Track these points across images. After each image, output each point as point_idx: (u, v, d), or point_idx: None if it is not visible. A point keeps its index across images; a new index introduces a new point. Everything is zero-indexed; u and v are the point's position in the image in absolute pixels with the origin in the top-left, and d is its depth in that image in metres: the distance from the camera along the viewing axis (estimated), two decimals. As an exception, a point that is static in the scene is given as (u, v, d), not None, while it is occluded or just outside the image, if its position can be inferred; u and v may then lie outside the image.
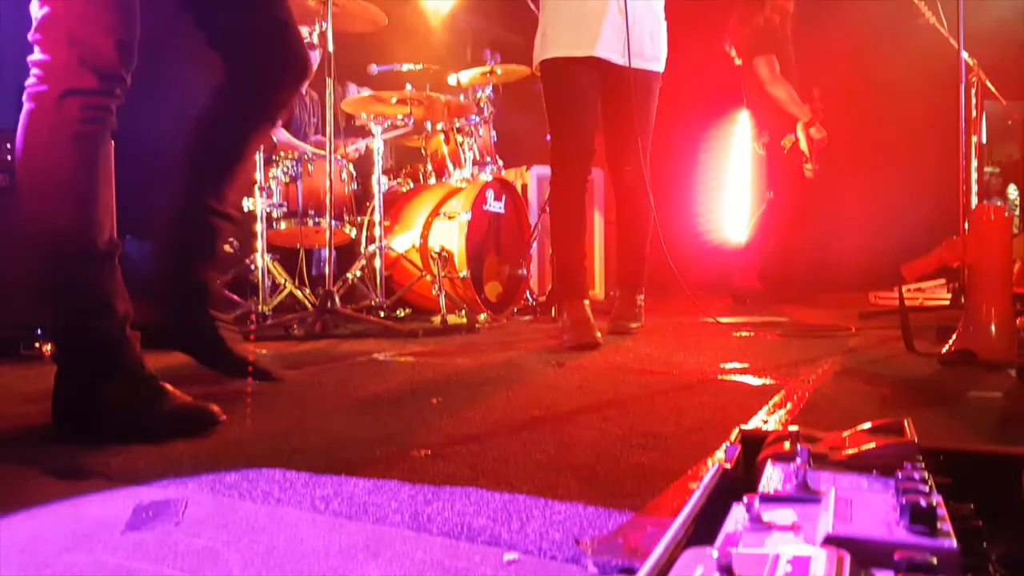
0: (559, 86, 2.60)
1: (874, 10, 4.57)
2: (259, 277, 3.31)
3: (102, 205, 1.36)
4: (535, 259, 4.09)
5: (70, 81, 1.32)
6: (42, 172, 1.33)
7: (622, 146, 2.70)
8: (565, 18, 2.59)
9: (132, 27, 1.36)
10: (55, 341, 1.38)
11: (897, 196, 4.76)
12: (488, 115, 3.90)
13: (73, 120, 1.32)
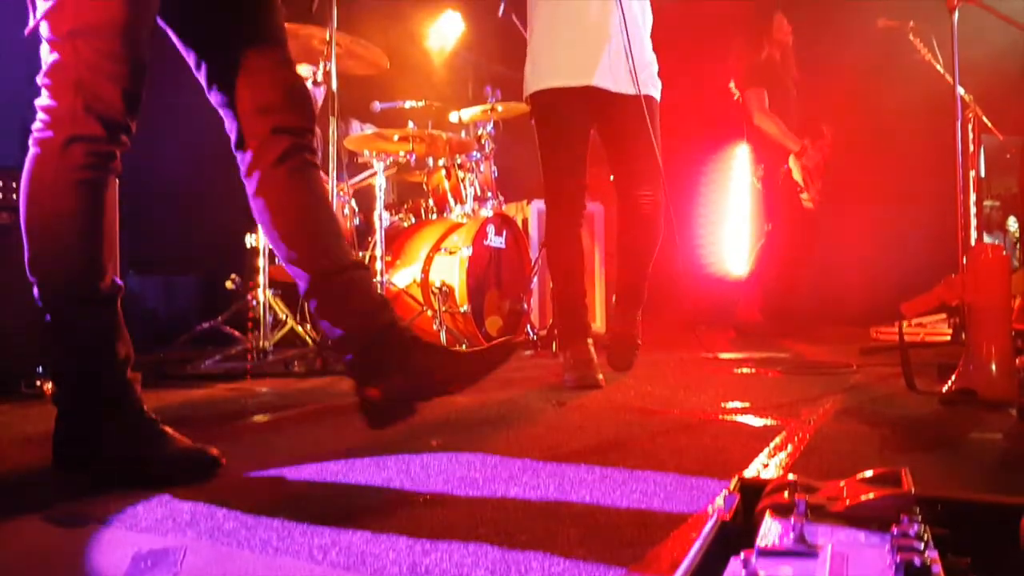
0: (551, 119, 2.55)
1: (872, 46, 4.63)
2: (260, 313, 3.31)
3: (105, 250, 1.38)
4: (536, 293, 4.10)
5: (75, 128, 1.33)
6: (45, 218, 1.34)
7: (635, 171, 2.59)
8: (558, 47, 2.53)
9: (139, 76, 1.37)
10: (55, 384, 1.38)
11: (898, 229, 4.78)
12: (489, 151, 3.95)
13: (77, 167, 1.33)
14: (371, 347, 1.43)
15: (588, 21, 2.47)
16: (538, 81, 2.55)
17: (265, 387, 2.54)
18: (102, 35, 1.33)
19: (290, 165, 1.45)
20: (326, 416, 1.88)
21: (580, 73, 2.49)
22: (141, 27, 1.37)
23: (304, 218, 1.46)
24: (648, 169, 2.55)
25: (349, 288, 1.46)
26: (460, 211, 3.81)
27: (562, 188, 2.57)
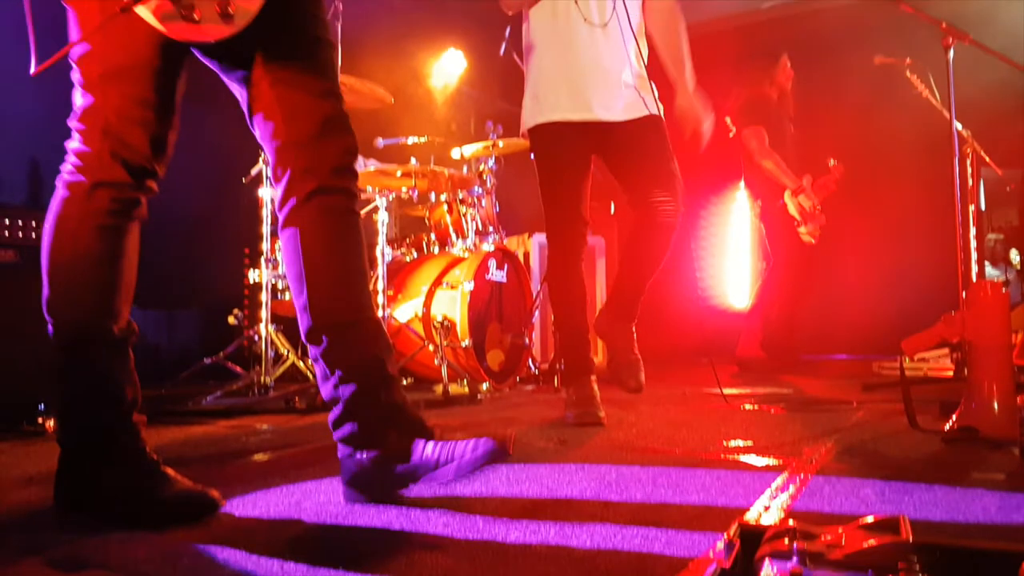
0: (551, 154, 2.53)
1: (870, 83, 4.69)
2: (262, 348, 3.32)
3: (121, 294, 1.38)
4: (537, 327, 4.11)
5: (102, 173, 1.35)
6: (66, 260, 1.35)
7: (651, 179, 2.45)
8: (554, 81, 2.50)
9: (168, 121, 1.38)
10: (60, 422, 1.38)
11: (899, 263, 4.80)
12: (490, 186, 3.98)
13: (102, 212, 1.35)
14: (370, 413, 1.39)
15: (584, 54, 2.46)
16: (536, 116, 2.54)
17: (266, 424, 2.54)
18: (131, 80, 1.34)
19: (316, 204, 1.41)
20: (326, 456, 1.87)
21: (578, 107, 2.47)
22: (171, 71, 1.38)
23: (319, 262, 1.42)
24: (665, 174, 2.45)
25: (356, 343, 1.41)
26: (462, 245, 3.84)
27: (563, 223, 2.55)
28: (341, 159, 1.43)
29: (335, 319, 1.41)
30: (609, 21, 2.45)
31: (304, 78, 1.42)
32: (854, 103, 4.91)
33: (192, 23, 1.25)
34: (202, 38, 1.27)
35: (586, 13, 2.45)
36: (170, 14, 1.24)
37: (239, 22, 1.27)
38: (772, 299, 4.35)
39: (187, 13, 1.24)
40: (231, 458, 1.96)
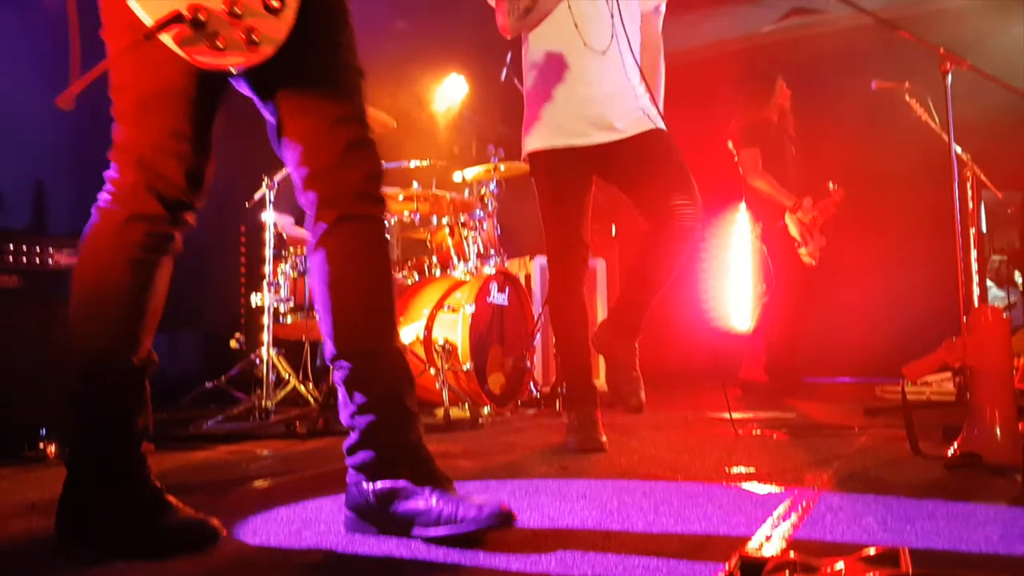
0: (551, 179, 2.52)
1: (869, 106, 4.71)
2: (264, 372, 3.32)
3: (146, 326, 1.37)
4: (539, 350, 4.10)
5: (136, 206, 1.34)
6: (93, 289, 1.35)
7: (666, 185, 2.38)
8: (554, 105, 2.48)
9: (204, 154, 1.38)
10: (70, 447, 1.38)
11: (901, 285, 4.80)
12: (492, 209, 4.00)
13: (134, 245, 1.34)
14: (384, 446, 1.38)
15: (584, 78, 2.45)
16: (536, 141, 2.53)
17: (267, 450, 2.54)
18: (165, 111, 1.33)
19: (341, 231, 1.41)
20: (326, 483, 1.87)
21: (578, 132, 2.46)
22: (207, 102, 1.37)
23: (343, 289, 1.41)
24: (682, 179, 2.39)
25: (376, 373, 1.40)
26: (463, 268, 3.85)
27: (564, 247, 2.53)
28: (364, 186, 1.42)
29: (357, 348, 1.40)
30: (609, 47, 2.46)
31: (327, 105, 1.41)
32: (854, 126, 4.94)
33: (216, 50, 1.22)
34: (226, 66, 1.24)
35: (586, 38, 2.45)
36: (193, 40, 1.21)
37: (264, 49, 1.25)
38: (774, 322, 4.35)
39: (210, 40, 1.21)
40: (232, 485, 1.95)
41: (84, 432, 1.36)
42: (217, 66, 1.24)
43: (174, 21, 1.19)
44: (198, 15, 1.19)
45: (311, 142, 1.41)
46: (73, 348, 1.37)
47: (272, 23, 1.25)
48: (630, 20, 2.48)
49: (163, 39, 1.21)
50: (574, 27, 2.45)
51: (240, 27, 1.23)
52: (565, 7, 2.45)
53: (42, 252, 2.50)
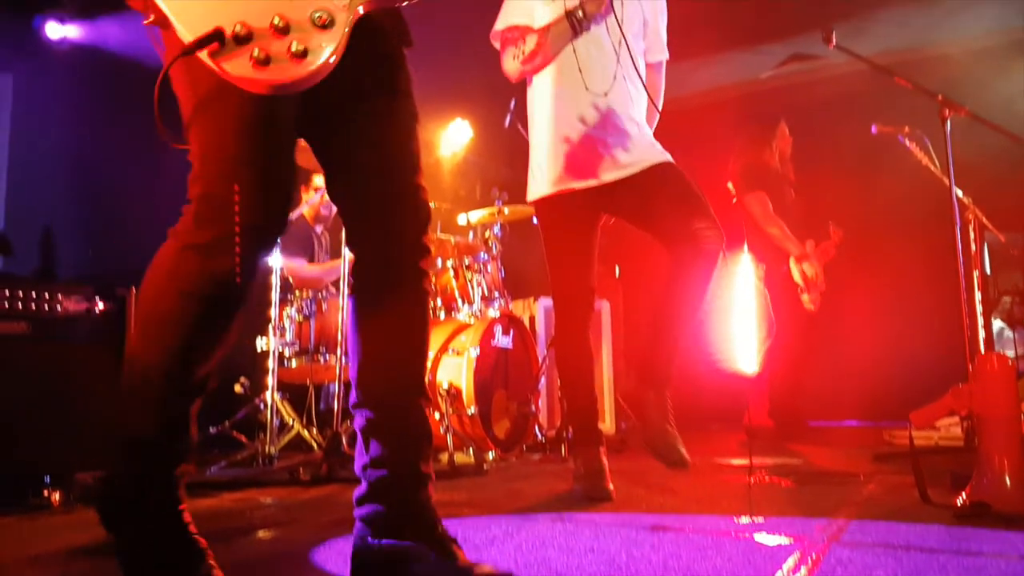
0: (557, 223, 2.51)
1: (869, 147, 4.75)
2: (268, 417, 3.31)
3: (195, 359, 1.32)
4: (544, 394, 4.09)
5: (190, 238, 1.31)
6: (146, 316, 1.32)
7: (684, 211, 2.34)
8: (559, 148, 2.47)
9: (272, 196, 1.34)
10: (105, 468, 1.33)
11: (906, 328, 4.79)
12: (496, 252, 4.02)
13: (185, 275, 1.30)
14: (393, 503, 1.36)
15: (588, 121, 2.45)
16: (541, 187, 2.53)
17: (270, 497, 2.52)
18: (230, 142, 1.28)
19: (382, 278, 1.41)
20: (330, 533, 1.86)
21: (583, 174, 2.44)
22: (271, 147, 1.31)
23: (374, 338, 1.41)
24: (699, 204, 2.34)
25: (395, 429, 1.39)
26: (467, 311, 3.86)
27: (570, 292, 2.52)
28: (412, 236, 1.42)
29: (381, 399, 1.40)
30: (612, 89, 2.46)
31: (380, 152, 1.40)
32: (854, 170, 4.98)
33: (259, 65, 1.13)
34: (272, 81, 1.15)
35: (589, 82, 2.46)
36: (235, 57, 1.13)
37: (311, 61, 1.15)
38: (779, 365, 4.34)
39: (253, 56, 1.13)
40: (236, 535, 1.94)
41: (114, 459, 1.31)
42: (262, 81, 1.15)
43: (215, 39, 1.12)
44: (240, 30, 1.13)
45: (362, 190, 1.40)
46: (130, 361, 1.32)
47: (320, 37, 1.18)
48: (637, 63, 2.48)
49: (202, 57, 1.14)
50: (578, 71, 2.46)
51: (286, 41, 1.15)
52: (570, 51, 2.47)
53: (50, 298, 2.51)
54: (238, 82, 1.14)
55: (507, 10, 2.55)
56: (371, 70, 1.41)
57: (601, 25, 2.47)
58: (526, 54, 2.49)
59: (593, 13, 2.43)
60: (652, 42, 2.60)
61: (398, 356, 1.41)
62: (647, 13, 2.57)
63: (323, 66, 1.17)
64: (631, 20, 2.51)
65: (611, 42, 2.46)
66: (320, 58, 1.16)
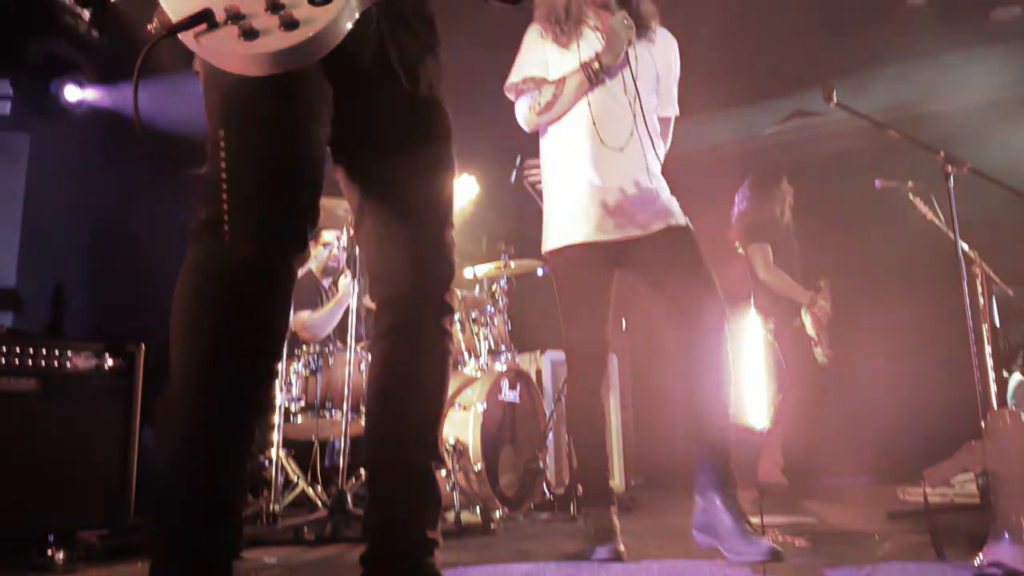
0: (572, 276, 2.48)
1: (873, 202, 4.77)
2: (272, 474, 3.28)
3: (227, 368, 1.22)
4: (551, 450, 4.05)
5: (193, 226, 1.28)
6: (172, 332, 1.25)
7: (695, 286, 2.36)
8: (576, 200, 2.45)
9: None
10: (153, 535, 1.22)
11: (918, 382, 4.74)
12: (503, 305, 4.03)
13: (192, 263, 1.26)
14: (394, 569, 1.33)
15: (603, 173, 2.43)
16: (556, 238, 2.50)
17: (274, 557, 2.48)
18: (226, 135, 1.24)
19: (401, 336, 1.38)
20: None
21: (598, 227, 2.41)
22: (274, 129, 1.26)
23: (389, 396, 1.39)
24: (704, 278, 2.37)
25: (403, 492, 1.37)
26: (474, 365, 3.85)
27: (584, 346, 2.48)
28: (435, 290, 1.40)
29: (393, 460, 1.37)
30: (628, 145, 2.45)
31: (413, 204, 1.38)
32: (859, 224, 4.99)
33: (247, 40, 1.06)
34: (260, 53, 1.07)
35: (603, 135, 2.45)
36: (221, 33, 1.07)
37: (304, 32, 1.08)
38: (790, 421, 4.29)
39: (241, 30, 1.06)
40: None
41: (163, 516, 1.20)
42: (246, 55, 1.07)
43: (202, 19, 1.06)
44: (230, 10, 1.07)
45: (386, 244, 1.39)
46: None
47: (316, 10, 1.11)
48: (651, 118, 2.51)
49: (185, 39, 1.08)
50: (592, 124, 2.46)
51: (277, 15, 1.09)
52: (584, 103, 2.48)
53: (60, 355, 2.51)
54: (221, 60, 1.09)
55: (522, 62, 2.58)
56: (408, 116, 1.40)
57: (616, 79, 2.48)
58: (542, 105, 2.49)
59: (609, 65, 2.43)
60: (663, 97, 2.62)
61: (414, 417, 1.39)
62: (659, 68, 2.59)
63: (317, 38, 1.09)
64: (645, 75, 2.52)
65: (626, 97, 2.47)
66: (314, 29, 1.09)
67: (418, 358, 1.40)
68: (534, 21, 2.59)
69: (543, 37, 2.54)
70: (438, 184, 1.44)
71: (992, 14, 4.57)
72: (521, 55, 2.60)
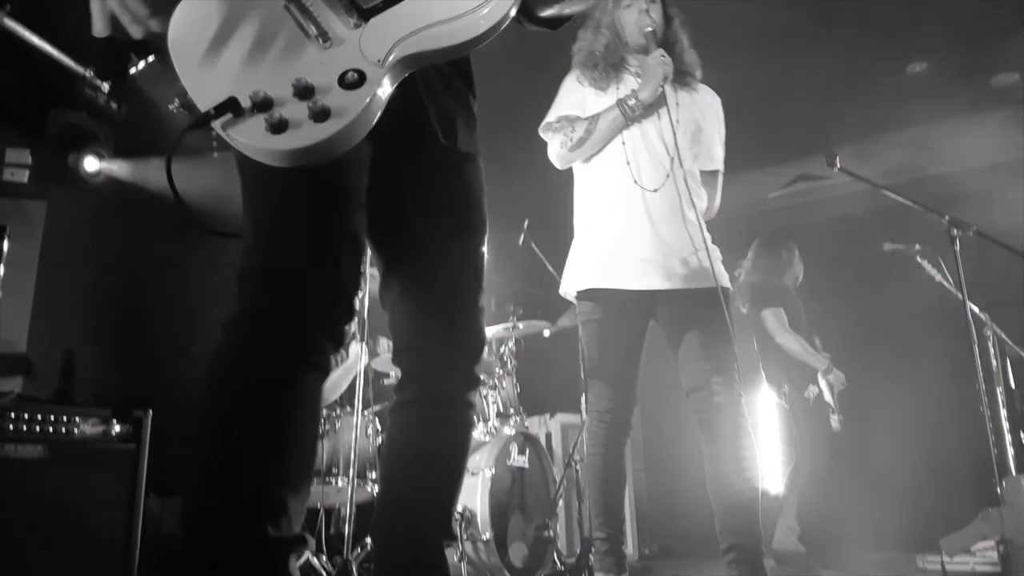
0: (601, 321, 2.38)
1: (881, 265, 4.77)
2: (278, 542, 3.23)
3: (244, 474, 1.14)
4: (561, 517, 3.98)
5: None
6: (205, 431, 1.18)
7: (708, 359, 2.31)
8: (612, 244, 2.38)
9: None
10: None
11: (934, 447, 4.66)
12: (511, 368, 4.01)
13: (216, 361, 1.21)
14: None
15: (636, 217, 2.37)
16: (585, 278, 2.39)
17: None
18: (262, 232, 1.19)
19: (419, 411, 1.34)
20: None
21: (633, 272, 2.33)
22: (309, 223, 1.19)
23: (403, 469, 1.35)
24: (724, 357, 2.29)
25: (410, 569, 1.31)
26: (482, 429, 3.81)
27: (611, 398, 2.37)
28: (462, 365, 1.35)
29: (403, 534, 1.32)
30: (663, 187, 2.39)
31: (446, 272, 1.34)
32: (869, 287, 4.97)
33: (275, 130, 1.01)
34: (284, 147, 1.01)
35: (638, 175, 2.39)
36: (248, 124, 1.03)
37: (335, 122, 1.02)
38: (805, 488, 4.20)
39: (269, 122, 1.01)
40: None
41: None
42: (275, 150, 1.02)
43: (228, 108, 1.03)
44: (257, 98, 1.03)
45: (421, 308, 1.34)
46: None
47: (347, 96, 1.05)
48: (689, 165, 2.45)
49: (216, 128, 1.05)
50: (626, 162, 2.41)
51: (307, 104, 1.03)
52: (619, 141, 2.43)
53: (67, 422, 2.52)
54: (251, 152, 1.04)
55: (558, 103, 2.56)
56: (446, 175, 1.36)
57: (652, 119, 2.43)
58: (574, 141, 2.45)
59: (646, 101, 2.38)
60: (703, 150, 2.55)
61: (433, 493, 1.34)
62: (701, 121, 2.54)
63: (347, 130, 1.03)
64: (684, 121, 2.47)
65: (662, 138, 2.41)
66: (345, 119, 1.03)
67: (443, 433, 1.35)
68: (573, 67, 2.58)
69: (581, 82, 2.53)
70: (473, 246, 1.39)
71: (992, 80, 4.65)
72: (557, 98, 2.57)
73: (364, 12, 1.13)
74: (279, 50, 1.09)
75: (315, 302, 1.18)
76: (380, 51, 1.09)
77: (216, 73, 1.07)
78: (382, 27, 1.12)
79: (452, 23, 1.12)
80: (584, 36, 2.56)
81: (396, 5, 1.14)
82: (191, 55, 1.09)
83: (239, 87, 1.04)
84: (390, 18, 1.13)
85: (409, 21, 1.12)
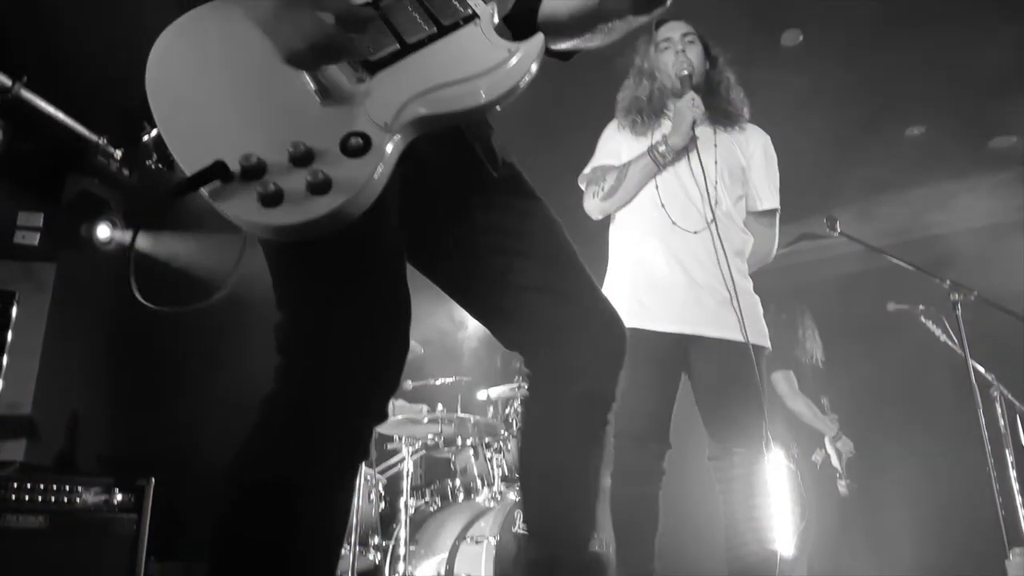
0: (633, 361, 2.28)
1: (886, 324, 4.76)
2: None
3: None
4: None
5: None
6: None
7: (733, 422, 2.25)
8: (644, 280, 2.33)
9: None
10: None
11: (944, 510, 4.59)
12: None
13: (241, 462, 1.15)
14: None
15: (671, 257, 2.32)
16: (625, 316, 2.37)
17: None
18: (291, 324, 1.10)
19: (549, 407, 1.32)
20: None
21: (666, 315, 2.26)
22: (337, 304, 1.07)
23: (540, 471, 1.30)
24: (750, 424, 2.22)
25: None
26: (487, 494, 3.76)
27: (643, 441, 2.24)
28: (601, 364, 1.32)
29: (550, 539, 1.26)
30: (701, 231, 2.33)
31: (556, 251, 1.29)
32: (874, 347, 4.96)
33: (268, 203, 0.87)
34: (278, 224, 0.88)
35: (674, 216, 2.35)
36: (237, 195, 0.88)
37: (336, 196, 0.88)
38: (815, 551, 4.14)
39: (261, 193, 0.87)
40: None
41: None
42: (268, 225, 0.88)
43: (215, 174, 0.87)
44: (247, 163, 0.88)
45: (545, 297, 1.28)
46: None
47: (351, 165, 0.90)
48: (729, 206, 2.40)
49: (204, 196, 0.91)
50: (661, 205, 2.37)
51: (305, 173, 0.89)
52: (653, 186, 2.39)
53: (69, 491, 2.51)
54: (241, 224, 0.90)
55: (597, 152, 2.56)
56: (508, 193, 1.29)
57: (684, 163, 2.38)
58: (605, 190, 2.42)
59: (676, 146, 2.33)
60: (752, 189, 2.50)
61: (562, 491, 1.27)
62: (745, 161, 2.48)
63: (349, 205, 0.89)
64: (727, 161, 2.42)
65: (697, 182, 2.34)
66: (346, 194, 0.88)
67: (574, 426, 1.29)
68: (616, 115, 2.56)
69: (620, 128, 2.52)
70: (564, 234, 1.32)
71: (990, 143, 4.71)
72: (597, 147, 2.57)
73: (370, 65, 0.98)
74: (276, 104, 0.94)
75: (362, 390, 1.08)
76: (387, 113, 0.93)
77: (201, 125, 0.91)
78: (391, 83, 0.96)
79: (471, 82, 0.96)
80: (627, 85, 2.55)
81: (407, 57, 0.99)
82: (171, 97, 0.92)
83: (228, 147, 0.88)
84: (400, 73, 0.97)
85: (421, 78, 0.96)
